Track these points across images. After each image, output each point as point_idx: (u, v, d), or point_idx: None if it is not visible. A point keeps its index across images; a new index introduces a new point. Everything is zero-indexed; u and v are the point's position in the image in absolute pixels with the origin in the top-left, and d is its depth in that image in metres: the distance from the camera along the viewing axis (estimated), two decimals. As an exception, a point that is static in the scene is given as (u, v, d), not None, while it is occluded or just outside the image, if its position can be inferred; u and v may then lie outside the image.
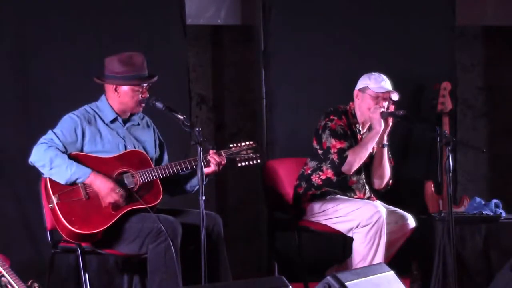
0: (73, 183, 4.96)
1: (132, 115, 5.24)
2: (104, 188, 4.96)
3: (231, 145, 5.16)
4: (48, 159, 4.95)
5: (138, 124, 5.28)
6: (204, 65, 6.92)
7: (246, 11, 6.90)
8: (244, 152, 5.14)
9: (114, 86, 5.14)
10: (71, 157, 5.00)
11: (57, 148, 4.98)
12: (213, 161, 5.03)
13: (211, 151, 5.05)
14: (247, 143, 5.16)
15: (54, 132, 5.04)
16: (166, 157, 5.33)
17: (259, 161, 5.17)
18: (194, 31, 6.74)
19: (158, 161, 5.28)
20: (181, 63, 6.38)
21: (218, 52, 6.96)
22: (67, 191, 4.96)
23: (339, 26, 6.73)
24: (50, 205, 4.97)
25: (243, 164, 5.14)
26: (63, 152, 5.00)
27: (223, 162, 5.07)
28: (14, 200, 6.00)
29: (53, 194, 4.94)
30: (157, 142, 5.33)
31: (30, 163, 5.02)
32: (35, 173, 5.22)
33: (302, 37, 6.69)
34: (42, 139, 5.02)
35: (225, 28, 6.93)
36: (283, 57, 6.67)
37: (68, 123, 5.09)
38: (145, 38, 6.25)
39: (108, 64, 5.14)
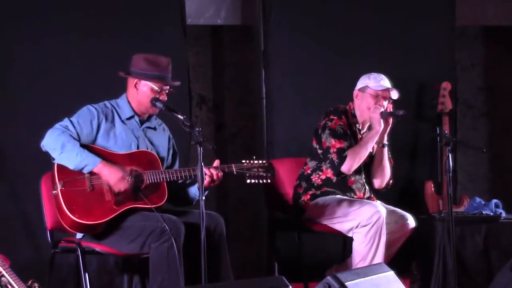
0: (82, 170, 4.96)
1: (150, 117, 5.25)
2: (113, 176, 4.96)
3: (243, 161, 5.15)
4: (60, 144, 4.95)
5: (155, 129, 5.29)
6: (204, 65, 6.92)
7: (246, 11, 6.89)
8: (255, 170, 5.13)
9: (135, 82, 5.16)
10: (82, 146, 5.01)
11: (70, 135, 5.00)
12: (208, 173, 5.00)
13: (215, 163, 5.06)
14: (260, 161, 5.15)
15: (70, 120, 5.06)
16: (177, 167, 5.32)
17: (269, 180, 5.16)
18: (194, 31, 6.74)
19: (168, 169, 5.27)
20: (181, 63, 6.37)
21: (218, 52, 6.96)
22: (73, 179, 4.97)
23: (339, 26, 6.73)
24: (54, 191, 4.98)
25: (253, 181, 5.12)
26: (76, 140, 5.01)
27: (219, 175, 5.06)
28: (14, 200, 6.00)
29: (59, 181, 4.94)
30: (171, 151, 5.33)
31: (41, 147, 5.02)
32: (35, 173, 5.23)
33: (302, 37, 6.69)
34: (57, 125, 5.04)
35: (225, 28, 6.93)
36: (283, 57, 6.67)
37: (86, 113, 5.11)
38: (145, 38, 6.25)
39: (135, 61, 5.17)
